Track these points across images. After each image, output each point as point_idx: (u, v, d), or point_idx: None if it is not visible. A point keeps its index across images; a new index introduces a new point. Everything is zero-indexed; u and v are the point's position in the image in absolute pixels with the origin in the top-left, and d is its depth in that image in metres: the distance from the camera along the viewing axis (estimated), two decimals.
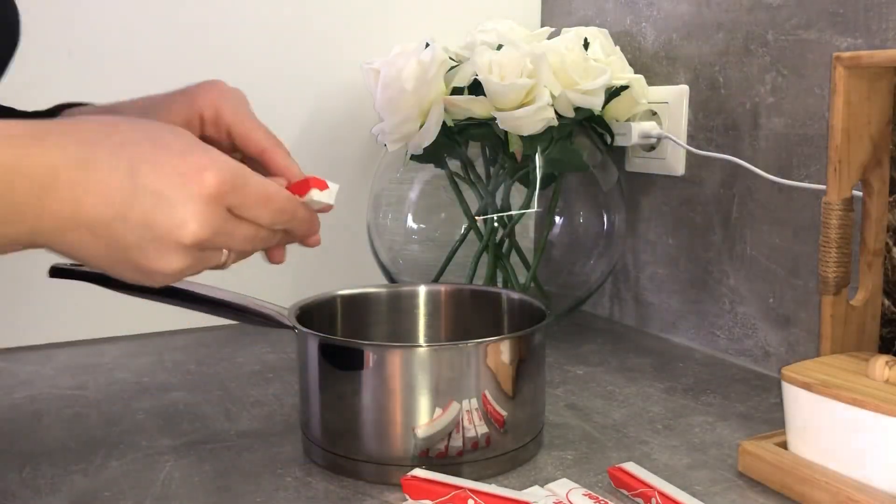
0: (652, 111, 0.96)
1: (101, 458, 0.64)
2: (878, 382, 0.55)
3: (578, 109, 0.86)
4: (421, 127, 0.85)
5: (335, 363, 0.60)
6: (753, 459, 0.60)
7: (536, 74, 0.81)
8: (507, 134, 0.86)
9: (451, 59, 0.88)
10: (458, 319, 0.75)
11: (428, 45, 0.84)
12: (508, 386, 0.60)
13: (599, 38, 0.92)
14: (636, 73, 0.94)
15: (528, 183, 0.90)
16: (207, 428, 0.70)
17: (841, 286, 0.62)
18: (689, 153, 0.93)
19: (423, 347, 0.63)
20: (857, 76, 0.60)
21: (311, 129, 1.05)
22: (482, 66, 0.82)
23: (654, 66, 0.97)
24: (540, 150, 0.87)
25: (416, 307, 0.75)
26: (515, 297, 0.74)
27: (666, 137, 0.93)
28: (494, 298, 0.75)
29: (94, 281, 0.55)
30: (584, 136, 0.93)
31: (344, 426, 0.60)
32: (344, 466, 0.60)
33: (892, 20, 0.71)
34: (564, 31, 0.92)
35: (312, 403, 0.62)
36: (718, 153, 0.88)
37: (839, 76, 0.60)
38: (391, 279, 0.97)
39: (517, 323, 0.71)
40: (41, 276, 0.57)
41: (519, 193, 0.91)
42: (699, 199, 0.92)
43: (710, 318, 0.92)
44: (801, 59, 0.79)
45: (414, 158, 0.92)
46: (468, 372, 0.59)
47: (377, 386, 0.58)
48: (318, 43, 1.04)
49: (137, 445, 0.66)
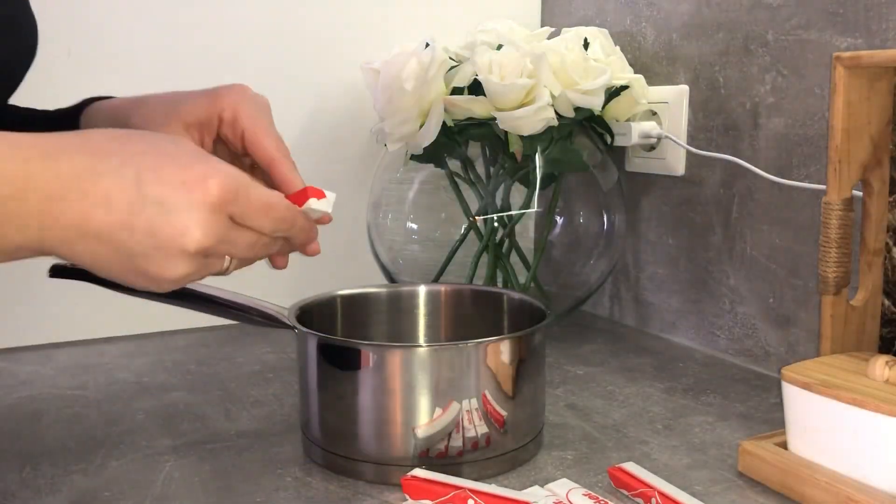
0: (652, 111, 0.96)
1: (101, 458, 0.64)
2: (878, 382, 0.55)
3: (578, 109, 0.86)
4: (421, 127, 0.85)
5: (335, 363, 0.60)
6: (753, 459, 0.60)
7: (536, 74, 0.81)
8: (507, 134, 0.85)
9: (451, 59, 0.88)
10: (458, 319, 0.75)
11: (428, 45, 0.84)
12: (508, 386, 0.60)
13: (599, 38, 0.92)
14: (636, 73, 0.94)
15: (528, 183, 0.90)
16: (207, 428, 0.70)
17: (841, 286, 0.62)
18: (689, 153, 0.93)
19: (423, 347, 0.63)
20: (857, 76, 0.60)
21: (311, 129, 1.05)
22: (482, 66, 0.82)
23: (654, 66, 0.97)
24: (540, 150, 0.87)
25: (416, 307, 0.75)
26: (515, 297, 0.74)
27: (666, 137, 0.93)
28: (494, 298, 0.75)
29: (94, 281, 0.55)
30: (584, 136, 0.93)
31: (344, 426, 0.60)
32: (344, 466, 0.60)
33: (892, 20, 0.71)
34: (564, 31, 0.92)
35: (312, 403, 0.62)
36: (718, 153, 0.88)
37: (839, 76, 0.60)
38: (391, 279, 0.97)
39: (517, 323, 0.71)
40: (41, 276, 0.57)
41: (519, 193, 0.91)
42: (699, 199, 0.92)
43: (710, 318, 0.92)
44: (801, 59, 0.79)
45: (414, 158, 0.92)
46: (468, 372, 0.59)
47: (377, 386, 0.58)
48: (318, 43, 1.04)
49: (137, 445, 0.67)
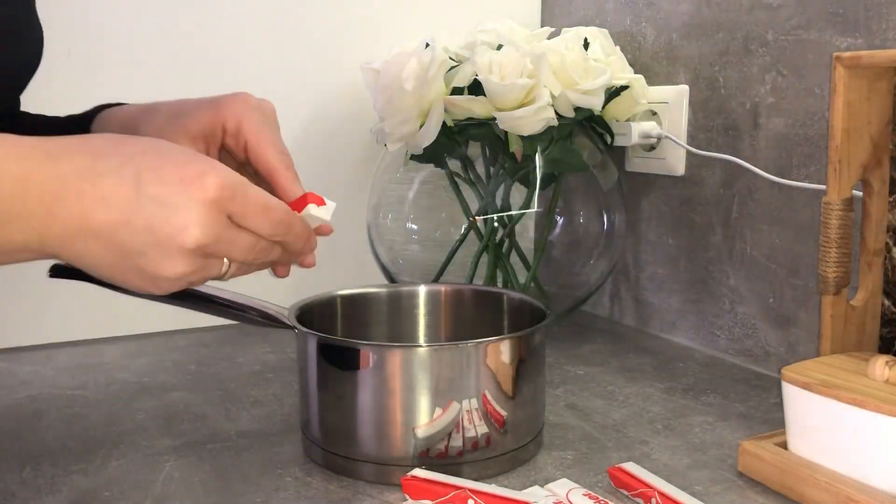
0: (652, 111, 0.96)
1: (101, 458, 0.64)
2: (878, 382, 0.55)
3: (578, 109, 0.86)
4: (421, 127, 0.85)
5: (335, 363, 0.60)
6: (753, 459, 0.60)
7: (536, 74, 0.81)
8: (507, 134, 0.85)
9: (451, 59, 0.88)
10: (458, 319, 0.75)
11: (428, 45, 0.84)
12: (508, 386, 0.60)
13: (599, 38, 0.92)
14: (636, 73, 0.94)
15: (528, 183, 0.90)
16: (207, 428, 0.70)
17: (841, 286, 0.62)
18: (689, 153, 0.93)
19: (423, 347, 0.63)
20: (857, 76, 0.60)
21: (311, 129, 1.05)
22: (482, 66, 0.82)
23: (654, 66, 0.97)
24: (540, 150, 0.87)
25: (416, 307, 0.75)
26: (515, 297, 0.74)
27: (666, 137, 0.93)
28: (494, 298, 0.75)
29: (94, 281, 0.55)
30: (584, 136, 0.93)
31: (344, 426, 0.60)
32: (344, 466, 0.60)
33: (892, 20, 0.71)
34: (564, 31, 0.92)
35: (312, 403, 0.62)
36: (718, 153, 0.88)
37: (839, 76, 0.60)
38: (391, 279, 0.97)
39: (517, 323, 0.71)
40: (41, 276, 0.57)
41: (519, 193, 0.91)
42: (699, 199, 0.92)
43: (710, 318, 0.92)
44: (801, 59, 0.79)
45: (414, 158, 0.92)
46: (468, 372, 0.59)
47: (377, 386, 0.58)
48: (318, 43, 1.04)
49: (137, 445, 0.66)
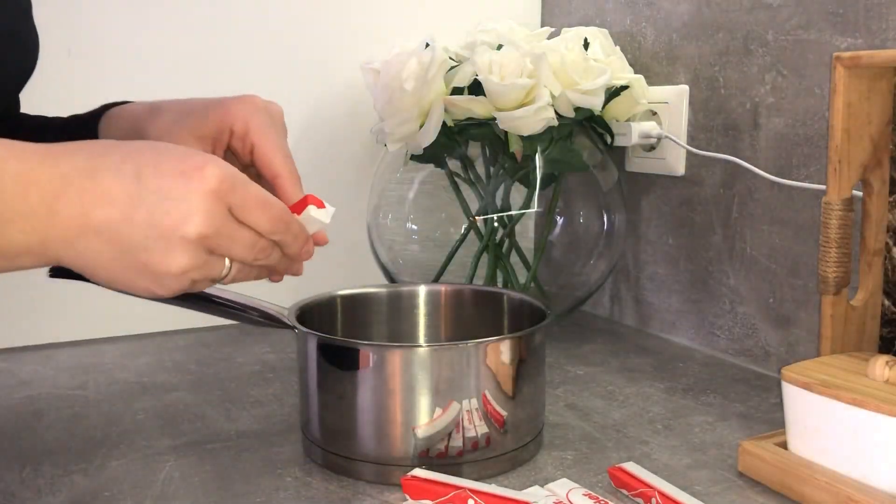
0: (652, 111, 0.96)
1: (101, 458, 0.64)
2: (878, 382, 0.55)
3: (578, 109, 0.86)
4: (421, 127, 0.85)
5: (335, 363, 0.60)
6: (753, 459, 0.60)
7: (536, 74, 0.81)
8: (507, 134, 0.85)
9: (451, 59, 0.88)
10: (458, 319, 0.75)
11: (428, 45, 0.84)
12: (508, 386, 0.60)
13: (599, 38, 0.92)
14: (636, 73, 0.94)
15: (528, 183, 0.90)
16: (207, 428, 0.70)
17: (841, 286, 0.62)
18: (689, 153, 0.93)
19: (423, 347, 0.62)
20: (857, 76, 0.60)
21: (311, 128, 1.05)
22: (482, 66, 0.82)
23: (654, 66, 0.97)
24: (540, 150, 0.87)
25: (416, 307, 0.75)
26: (516, 297, 0.74)
27: (666, 137, 0.93)
28: (494, 298, 0.75)
29: (93, 281, 0.54)
30: (584, 136, 0.93)
31: (344, 426, 0.60)
32: (344, 466, 0.60)
33: (892, 20, 0.71)
34: (564, 31, 0.92)
35: (312, 403, 0.62)
36: (718, 153, 0.88)
37: (839, 76, 0.60)
38: (391, 279, 0.97)
39: (517, 323, 0.71)
40: (41, 276, 0.57)
41: (519, 193, 0.91)
42: (699, 199, 0.92)
43: (710, 318, 0.92)
44: (801, 59, 0.79)
45: (414, 158, 0.92)
46: (468, 372, 0.59)
47: (377, 386, 0.58)
48: (318, 43, 1.04)
49: (137, 445, 0.66)
